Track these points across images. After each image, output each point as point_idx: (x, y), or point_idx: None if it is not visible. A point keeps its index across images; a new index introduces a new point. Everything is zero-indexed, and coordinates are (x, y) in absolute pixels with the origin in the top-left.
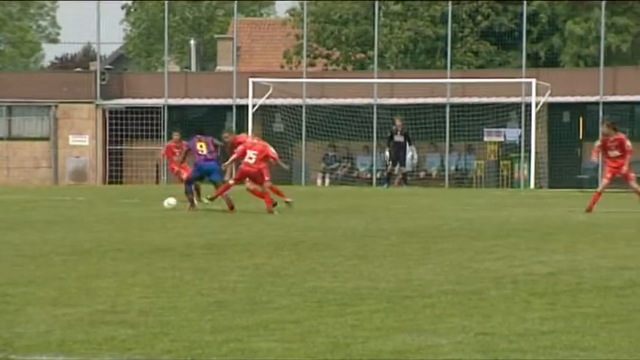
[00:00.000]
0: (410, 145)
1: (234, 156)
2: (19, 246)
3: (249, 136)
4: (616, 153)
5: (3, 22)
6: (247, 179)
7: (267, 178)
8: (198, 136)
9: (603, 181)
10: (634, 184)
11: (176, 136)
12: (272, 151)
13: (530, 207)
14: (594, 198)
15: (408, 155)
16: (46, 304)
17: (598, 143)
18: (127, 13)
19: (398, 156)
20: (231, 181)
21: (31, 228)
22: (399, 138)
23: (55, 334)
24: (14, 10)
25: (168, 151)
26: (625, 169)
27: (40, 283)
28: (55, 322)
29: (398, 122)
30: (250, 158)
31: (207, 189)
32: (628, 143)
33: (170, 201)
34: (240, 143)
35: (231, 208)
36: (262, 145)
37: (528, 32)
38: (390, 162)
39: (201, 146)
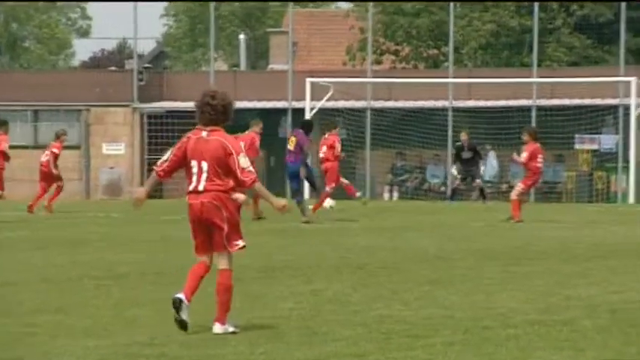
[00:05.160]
0: (481, 159)
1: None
2: (45, 269)
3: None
4: None
5: (28, 15)
6: None
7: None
8: (297, 130)
9: None
10: None
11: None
12: None
13: (629, 225)
14: None
15: (481, 169)
16: (77, 334)
17: None
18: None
19: (469, 171)
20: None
21: (59, 248)
22: (467, 154)
23: None
24: (40, 2)
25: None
26: None
27: (70, 311)
28: (88, 355)
29: (464, 137)
30: None
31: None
32: None
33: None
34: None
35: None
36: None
37: (630, 22)
38: (459, 177)
39: (291, 142)
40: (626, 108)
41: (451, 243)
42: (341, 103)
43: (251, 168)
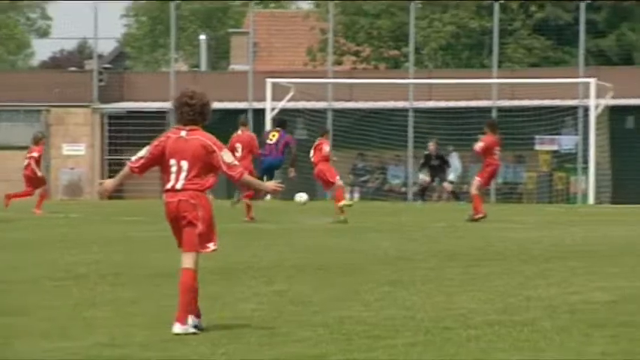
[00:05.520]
0: (449, 167)
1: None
2: (5, 270)
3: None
4: None
5: None
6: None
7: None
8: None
9: None
10: None
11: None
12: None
13: (588, 225)
14: None
15: (450, 176)
16: (36, 336)
17: None
18: None
19: (437, 174)
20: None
21: (19, 249)
22: (435, 162)
23: None
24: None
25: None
26: None
27: (29, 313)
28: (47, 358)
29: (432, 147)
30: None
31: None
32: None
33: (302, 196)
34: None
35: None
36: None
37: (592, 24)
38: (428, 174)
39: (273, 135)
40: (586, 109)
41: (412, 244)
42: (302, 104)
43: (236, 162)
